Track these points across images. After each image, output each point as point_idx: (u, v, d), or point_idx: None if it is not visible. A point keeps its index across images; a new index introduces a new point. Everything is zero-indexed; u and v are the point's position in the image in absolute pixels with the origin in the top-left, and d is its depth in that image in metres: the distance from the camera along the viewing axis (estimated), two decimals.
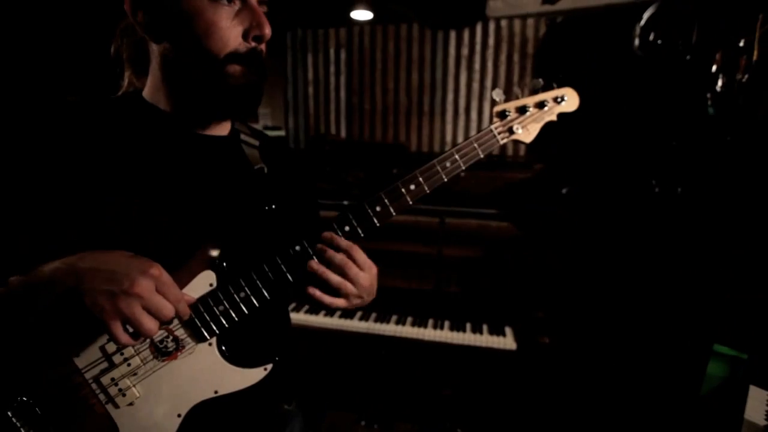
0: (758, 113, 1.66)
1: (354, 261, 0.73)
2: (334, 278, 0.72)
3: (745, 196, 1.74)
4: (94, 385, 0.68)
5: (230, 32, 0.70)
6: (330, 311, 2.03)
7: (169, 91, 0.75)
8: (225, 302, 0.70)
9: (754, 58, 1.63)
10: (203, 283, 0.70)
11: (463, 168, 0.78)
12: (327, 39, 2.65)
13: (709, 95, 1.77)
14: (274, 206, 0.78)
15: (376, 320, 1.96)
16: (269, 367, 0.73)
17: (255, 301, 0.71)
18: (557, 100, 0.83)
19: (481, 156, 0.80)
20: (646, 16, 1.87)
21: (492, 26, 2.38)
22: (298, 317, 1.99)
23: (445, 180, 0.77)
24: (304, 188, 0.93)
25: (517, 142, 0.85)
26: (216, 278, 0.70)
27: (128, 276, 0.58)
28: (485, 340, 1.83)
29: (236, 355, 0.73)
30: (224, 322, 0.70)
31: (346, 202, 2.24)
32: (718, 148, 1.76)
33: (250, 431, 0.81)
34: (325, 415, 2.18)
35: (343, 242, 0.73)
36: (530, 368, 1.75)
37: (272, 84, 3.06)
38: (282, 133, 2.78)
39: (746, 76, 1.66)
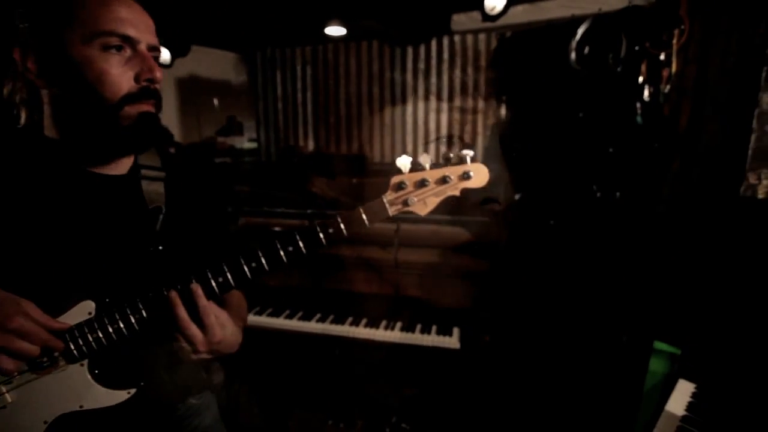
0: (680, 121, 1.76)
1: (201, 321, 0.76)
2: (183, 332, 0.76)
3: (674, 200, 1.84)
4: None
5: (122, 78, 0.75)
6: (291, 314, 2.16)
7: (60, 133, 0.79)
8: (99, 331, 0.76)
9: (673, 70, 1.73)
10: (82, 311, 0.77)
11: (346, 234, 0.78)
12: (294, 57, 2.81)
13: (638, 105, 1.87)
14: (161, 247, 0.82)
15: (332, 321, 2.09)
16: (132, 391, 0.79)
17: (125, 332, 0.77)
18: (463, 176, 0.78)
19: (368, 225, 0.79)
20: (580, 31, 1.98)
21: (446, 41, 2.51)
22: (260, 320, 2.12)
23: (325, 244, 0.78)
24: (207, 223, 0.94)
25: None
26: (95, 308, 0.77)
27: (2, 313, 0.67)
28: (432, 339, 1.94)
29: (105, 376, 0.79)
30: (95, 347, 0.76)
31: (309, 211, 2.38)
32: (647, 154, 1.87)
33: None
34: (293, 415, 2.30)
35: (201, 302, 0.76)
36: (472, 365, 1.86)
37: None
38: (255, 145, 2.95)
39: (668, 87, 1.76)
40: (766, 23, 1.31)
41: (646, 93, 1.83)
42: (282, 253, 0.77)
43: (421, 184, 0.78)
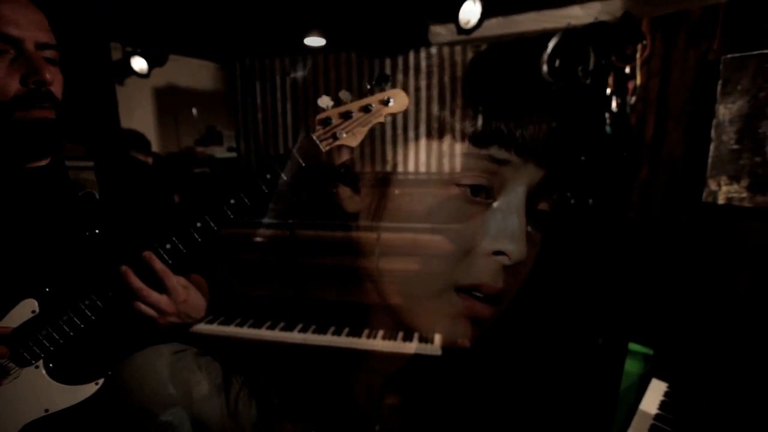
0: (645, 131, 1.85)
1: (162, 284, 0.74)
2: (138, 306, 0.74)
3: (644, 206, 1.92)
4: None
5: (5, 81, 0.72)
6: (273, 324, 2.15)
7: None
8: (48, 327, 0.73)
9: (638, 82, 1.82)
10: (25, 310, 0.74)
11: (286, 179, 0.80)
12: (273, 68, 2.81)
13: (607, 115, 1.96)
14: (97, 231, 0.80)
15: (314, 331, 2.09)
16: (101, 381, 0.76)
17: (79, 323, 0.74)
18: (384, 102, 0.83)
19: (303, 165, 0.81)
20: (550, 45, 2.06)
21: (423, 53, 2.56)
22: (241, 331, 2.10)
23: (267, 192, 0.79)
24: (146, 204, 0.93)
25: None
26: (38, 305, 0.74)
27: None
28: (414, 347, 1.96)
29: (65, 373, 0.76)
30: (48, 345, 0.73)
31: (291, 221, 2.38)
32: (616, 162, 1.95)
33: None
34: (276, 426, 2.28)
35: (157, 265, 0.75)
36: (453, 371, 1.88)
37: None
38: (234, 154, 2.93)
39: (634, 99, 1.85)
40: (719, 40, 1.40)
41: (614, 104, 1.91)
42: (225, 208, 0.78)
43: (346, 116, 0.84)
